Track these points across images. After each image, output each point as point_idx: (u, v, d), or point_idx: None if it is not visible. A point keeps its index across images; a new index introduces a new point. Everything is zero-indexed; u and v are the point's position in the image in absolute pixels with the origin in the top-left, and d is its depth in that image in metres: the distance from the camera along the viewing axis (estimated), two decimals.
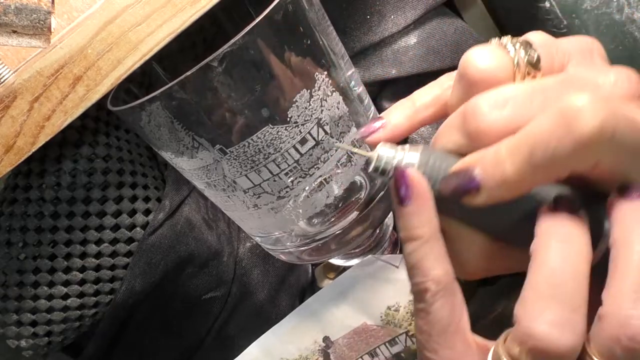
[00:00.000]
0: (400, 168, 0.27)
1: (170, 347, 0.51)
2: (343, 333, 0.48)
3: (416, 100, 0.31)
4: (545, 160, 0.23)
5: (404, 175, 0.27)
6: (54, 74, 0.37)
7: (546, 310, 0.23)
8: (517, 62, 0.27)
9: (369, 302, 0.48)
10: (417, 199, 0.27)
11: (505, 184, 0.25)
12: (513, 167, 0.24)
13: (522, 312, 0.24)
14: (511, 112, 0.25)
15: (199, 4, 0.38)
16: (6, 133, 0.37)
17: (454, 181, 0.26)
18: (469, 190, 0.26)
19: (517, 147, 0.24)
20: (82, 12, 0.39)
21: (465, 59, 0.27)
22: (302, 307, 0.49)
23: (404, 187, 0.27)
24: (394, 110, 0.31)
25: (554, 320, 0.23)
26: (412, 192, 0.27)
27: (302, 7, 0.32)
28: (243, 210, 0.36)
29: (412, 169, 0.27)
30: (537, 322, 0.23)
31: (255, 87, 0.30)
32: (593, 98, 0.23)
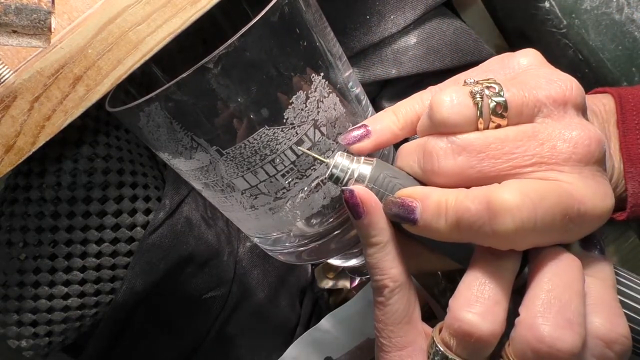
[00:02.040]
0: (349, 187, 0.31)
1: (170, 346, 0.51)
2: (345, 351, 0.49)
3: (399, 115, 0.33)
4: (468, 233, 0.28)
5: (353, 195, 0.30)
6: (54, 74, 0.37)
7: (473, 302, 0.27)
8: (482, 112, 0.28)
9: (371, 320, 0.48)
10: (369, 213, 0.30)
11: (436, 232, 0.29)
12: (445, 224, 0.28)
13: (454, 303, 0.28)
14: (463, 162, 0.28)
15: (199, 4, 0.38)
16: (6, 133, 0.37)
17: (396, 209, 0.30)
18: (406, 220, 0.29)
19: (451, 212, 0.28)
20: (83, 12, 0.39)
21: (434, 101, 0.29)
22: (303, 337, 0.50)
23: (355, 204, 0.30)
24: (378, 122, 0.33)
25: (478, 311, 0.27)
26: (364, 208, 0.30)
27: (299, 8, 0.32)
28: (240, 211, 0.36)
29: (360, 187, 0.30)
30: (464, 311, 0.27)
31: (252, 88, 0.30)
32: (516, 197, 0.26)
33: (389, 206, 0.30)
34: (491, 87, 0.29)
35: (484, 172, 0.28)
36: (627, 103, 0.38)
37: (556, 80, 0.29)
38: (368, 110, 0.38)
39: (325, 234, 0.38)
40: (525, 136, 0.28)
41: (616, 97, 0.39)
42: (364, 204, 0.30)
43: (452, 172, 0.28)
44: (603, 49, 0.46)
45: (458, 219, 0.27)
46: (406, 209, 0.29)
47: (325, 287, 0.59)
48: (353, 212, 0.31)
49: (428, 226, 0.29)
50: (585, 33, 0.46)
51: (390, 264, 0.31)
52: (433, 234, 0.29)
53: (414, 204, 0.29)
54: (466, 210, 0.27)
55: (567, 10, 0.46)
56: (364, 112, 0.37)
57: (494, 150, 0.28)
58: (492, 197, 0.26)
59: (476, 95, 0.29)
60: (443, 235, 0.29)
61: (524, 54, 0.32)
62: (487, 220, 0.26)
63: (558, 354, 0.26)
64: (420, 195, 0.29)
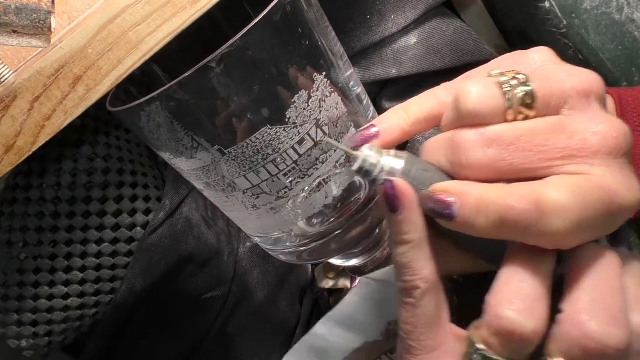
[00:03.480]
0: (390, 178, 0.29)
1: (170, 346, 0.51)
2: (343, 356, 0.49)
3: (411, 112, 0.32)
4: (511, 232, 0.27)
5: (394, 187, 0.29)
6: (54, 74, 0.37)
7: (514, 299, 0.27)
8: (511, 102, 0.28)
9: (369, 324, 0.48)
10: (407, 208, 0.29)
11: (475, 229, 0.28)
12: (485, 221, 0.27)
13: (493, 301, 0.27)
14: (494, 155, 0.27)
15: (199, 4, 0.38)
16: (6, 133, 0.37)
17: (431, 203, 0.29)
18: (443, 215, 0.28)
19: (492, 209, 0.27)
20: (83, 12, 0.39)
21: (460, 93, 0.29)
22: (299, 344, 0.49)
23: (394, 196, 0.29)
24: (388, 120, 0.32)
25: (520, 308, 0.26)
26: (402, 201, 0.29)
27: (301, 7, 0.32)
28: (242, 210, 0.36)
29: (400, 180, 0.29)
30: (505, 308, 0.27)
31: (254, 87, 0.30)
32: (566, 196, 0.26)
33: (425, 200, 0.29)
34: (518, 78, 0.28)
35: (514, 165, 0.27)
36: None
37: (577, 73, 0.29)
38: (369, 109, 0.38)
39: (327, 233, 0.38)
40: (555, 128, 0.27)
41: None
42: (403, 197, 0.29)
43: (482, 165, 0.28)
44: (603, 49, 0.46)
45: (502, 217, 0.27)
46: (443, 204, 0.28)
47: (325, 287, 0.59)
48: (390, 205, 0.29)
49: (466, 222, 0.28)
50: (585, 33, 0.46)
51: (422, 263, 0.29)
52: (470, 230, 0.28)
53: (452, 199, 0.28)
54: (511, 209, 0.26)
55: (567, 10, 0.47)
56: (365, 112, 0.37)
57: (525, 142, 0.27)
58: (540, 197, 0.26)
59: (504, 86, 0.28)
60: (481, 232, 0.28)
61: (538, 51, 0.32)
62: (535, 220, 0.26)
63: (607, 351, 0.26)
64: (458, 190, 0.28)
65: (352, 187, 0.37)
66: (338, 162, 0.35)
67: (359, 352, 0.48)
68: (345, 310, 0.49)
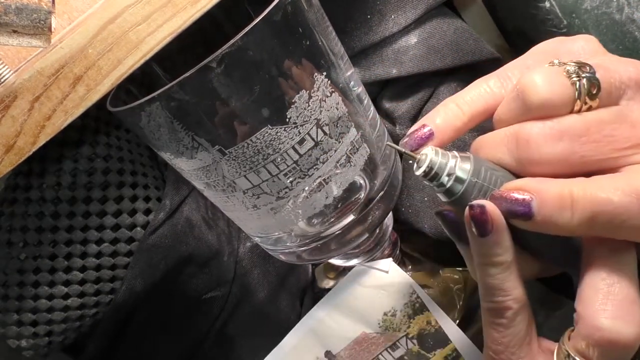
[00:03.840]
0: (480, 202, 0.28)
1: (170, 347, 0.51)
2: (344, 345, 0.49)
3: (465, 107, 0.31)
4: (606, 227, 0.25)
5: (484, 211, 0.27)
6: (55, 74, 0.37)
7: (607, 305, 0.25)
8: (579, 92, 0.27)
9: (365, 311, 0.48)
10: (497, 231, 0.28)
11: (558, 227, 0.26)
12: (571, 218, 0.25)
13: (583, 310, 0.26)
14: (566, 148, 0.26)
15: (199, 3, 0.38)
16: (6, 133, 0.37)
17: (507, 203, 0.27)
18: (521, 215, 0.27)
19: (582, 204, 0.25)
20: (83, 12, 0.39)
21: (527, 83, 0.27)
22: (299, 325, 0.49)
23: (485, 221, 0.28)
24: (441, 117, 0.31)
25: (616, 315, 0.25)
26: (493, 226, 0.28)
27: (302, 7, 0.32)
28: (242, 210, 0.36)
29: (488, 202, 0.28)
30: (602, 318, 0.25)
31: (254, 87, 0.30)
32: None
33: (498, 201, 0.28)
34: (584, 68, 0.27)
35: (586, 158, 0.26)
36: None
37: (633, 63, 0.28)
38: (369, 109, 0.38)
39: (327, 233, 0.38)
40: (619, 118, 0.26)
41: None
42: (494, 222, 0.28)
43: (554, 159, 0.26)
44: None
45: (594, 212, 0.25)
46: (521, 203, 0.27)
47: (325, 287, 0.59)
48: (480, 229, 0.28)
49: (548, 221, 0.26)
50: (585, 33, 0.46)
51: (513, 284, 0.28)
52: (550, 229, 0.27)
53: (528, 196, 0.27)
54: (608, 203, 0.25)
55: (568, 10, 0.47)
56: (365, 112, 0.37)
57: (595, 133, 0.26)
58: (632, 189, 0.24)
59: (572, 75, 0.27)
60: (564, 230, 0.26)
61: (584, 38, 0.30)
62: (636, 212, 0.24)
63: None
64: (534, 187, 0.27)
65: (353, 187, 0.37)
66: (338, 162, 0.35)
67: (358, 344, 0.49)
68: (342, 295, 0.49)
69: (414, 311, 0.48)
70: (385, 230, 0.46)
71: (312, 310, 0.49)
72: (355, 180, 0.37)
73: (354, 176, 0.37)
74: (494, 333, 0.29)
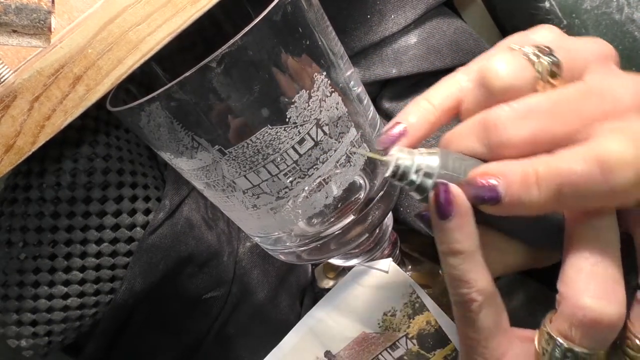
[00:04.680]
0: (443, 181, 0.27)
1: (170, 346, 0.51)
2: (344, 345, 0.49)
3: (435, 102, 0.31)
4: (573, 198, 0.25)
5: (447, 191, 0.27)
6: (54, 74, 0.37)
7: (590, 284, 0.25)
8: (540, 72, 0.27)
9: (364, 311, 0.48)
10: (459, 215, 0.27)
11: (527, 206, 0.26)
12: (539, 195, 0.25)
13: (566, 290, 0.25)
14: (533, 127, 0.26)
15: (199, 3, 0.38)
16: (6, 133, 0.37)
17: (474, 190, 0.27)
18: (489, 199, 0.26)
19: (546, 179, 0.25)
20: (83, 11, 0.39)
21: (488, 67, 0.27)
22: (299, 325, 0.49)
23: (446, 202, 0.27)
24: (412, 114, 0.31)
25: (599, 293, 0.25)
26: (455, 208, 0.27)
27: (301, 7, 0.32)
28: (242, 210, 0.36)
29: (453, 184, 0.27)
30: (585, 297, 0.25)
31: (254, 87, 0.30)
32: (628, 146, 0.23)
33: (466, 190, 0.27)
34: (542, 49, 0.27)
35: (556, 134, 0.26)
36: None
37: (592, 40, 0.28)
38: (369, 109, 0.38)
39: (327, 233, 0.38)
40: (585, 92, 0.26)
41: None
42: (456, 204, 0.27)
43: (524, 139, 0.26)
44: None
45: (559, 184, 0.25)
46: (487, 188, 0.26)
47: (325, 287, 0.59)
48: (441, 211, 0.27)
49: (516, 201, 0.26)
50: (585, 33, 0.46)
51: (477, 274, 0.27)
52: (522, 209, 0.26)
53: (495, 180, 0.26)
54: (571, 173, 0.24)
55: (567, 10, 0.47)
56: (365, 112, 0.37)
57: (562, 108, 0.26)
58: (600, 154, 0.24)
59: (531, 56, 0.27)
60: (535, 208, 0.26)
61: (545, 27, 0.30)
62: (600, 178, 0.24)
63: None
64: (499, 170, 0.26)
65: (353, 187, 0.37)
66: (338, 161, 0.35)
67: (358, 344, 0.49)
68: (341, 295, 0.49)
69: (413, 311, 0.48)
70: (385, 230, 0.46)
71: (312, 310, 0.49)
72: (355, 180, 0.37)
73: (354, 176, 0.37)
74: (464, 328, 0.29)
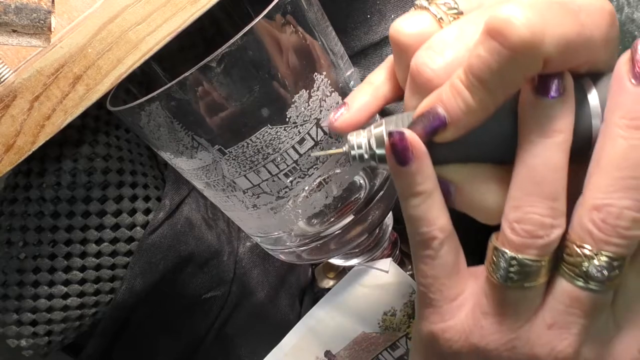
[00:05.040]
0: (398, 130, 0.28)
1: (170, 346, 0.51)
2: (343, 345, 0.49)
3: (373, 80, 0.33)
4: (497, 80, 0.25)
5: (404, 138, 0.28)
6: (54, 73, 0.37)
7: (533, 203, 0.25)
8: (440, 16, 0.28)
9: (365, 311, 0.48)
10: (418, 159, 0.28)
11: (471, 114, 0.26)
12: (471, 95, 0.26)
13: (511, 207, 0.26)
14: (451, 53, 0.27)
15: (199, 3, 0.38)
16: (6, 132, 0.37)
17: (420, 125, 0.27)
18: (437, 128, 0.27)
19: (467, 79, 0.25)
20: (82, 11, 0.39)
21: (393, 30, 0.29)
22: (299, 325, 0.49)
23: (404, 148, 0.28)
24: (356, 93, 0.33)
25: (542, 212, 0.25)
26: (413, 152, 0.28)
27: (301, 7, 0.32)
28: (242, 210, 0.36)
29: (408, 131, 0.28)
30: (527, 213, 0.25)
31: (254, 87, 0.30)
32: (515, 8, 0.24)
33: (414, 127, 0.28)
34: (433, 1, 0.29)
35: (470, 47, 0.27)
36: None
37: None
38: None
39: (326, 233, 0.38)
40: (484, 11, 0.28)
41: None
42: (413, 148, 0.27)
43: (445, 68, 0.27)
44: None
45: (477, 75, 0.25)
46: (430, 116, 0.27)
47: (325, 286, 0.59)
48: (401, 157, 0.28)
49: (459, 113, 0.26)
50: None
51: (437, 213, 0.28)
52: (470, 120, 0.26)
53: (433, 109, 0.27)
54: (479, 58, 0.25)
55: None
56: None
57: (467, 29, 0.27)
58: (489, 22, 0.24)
59: (424, 4, 0.29)
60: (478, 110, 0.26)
61: None
62: (498, 47, 0.24)
63: None
64: (431, 99, 0.27)
65: (353, 187, 0.37)
66: (338, 161, 0.35)
67: (358, 344, 0.49)
68: (341, 295, 0.49)
69: (413, 311, 0.48)
70: (385, 230, 0.46)
71: (312, 310, 0.49)
72: (355, 180, 0.37)
73: (354, 176, 0.37)
74: (422, 266, 0.29)
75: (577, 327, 0.26)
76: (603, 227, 0.25)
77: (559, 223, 0.26)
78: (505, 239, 0.26)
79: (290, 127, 0.32)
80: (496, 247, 0.27)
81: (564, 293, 0.26)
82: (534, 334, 0.27)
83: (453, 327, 0.29)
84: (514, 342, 0.27)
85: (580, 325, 0.26)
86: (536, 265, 0.26)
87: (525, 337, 0.27)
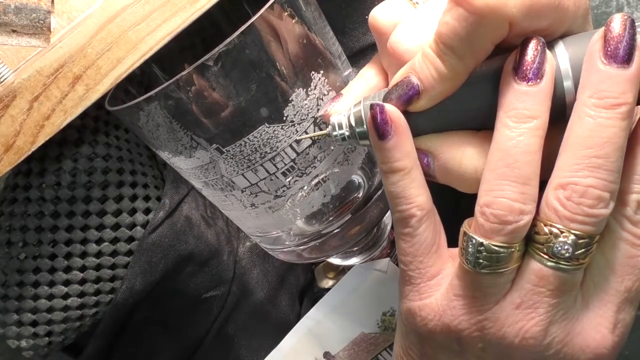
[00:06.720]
0: (378, 102, 0.28)
1: (170, 346, 0.51)
2: (343, 346, 0.49)
3: (365, 73, 0.33)
4: (465, 46, 0.25)
5: (384, 111, 0.28)
6: (54, 73, 0.37)
7: (504, 187, 0.26)
8: (416, 0, 0.30)
9: (364, 312, 0.48)
10: (397, 133, 0.28)
11: (444, 82, 0.27)
12: (442, 64, 0.26)
13: (483, 191, 0.26)
14: (422, 29, 0.28)
15: (198, 3, 0.38)
16: (6, 132, 0.37)
17: (395, 94, 0.28)
18: (412, 97, 0.28)
19: (438, 47, 0.26)
20: (82, 11, 0.39)
21: (371, 18, 0.30)
22: (298, 327, 0.49)
23: (384, 121, 0.28)
24: (350, 85, 0.33)
25: (511, 195, 0.25)
26: (393, 126, 0.28)
27: (299, 6, 0.32)
28: (240, 209, 0.36)
29: (390, 105, 0.28)
30: (497, 197, 0.26)
31: (252, 86, 0.30)
32: None
33: (389, 98, 0.28)
34: None
35: None
36: None
37: None
38: None
39: (325, 232, 0.38)
40: None
41: None
42: (393, 122, 0.28)
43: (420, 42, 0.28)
44: None
45: (447, 43, 0.26)
46: (404, 86, 0.28)
47: (325, 286, 0.59)
48: (380, 131, 0.28)
49: (432, 81, 0.27)
50: None
51: (416, 191, 0.29)
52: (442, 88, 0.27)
53: (407, 78, 0.28)
54: (444, 26, 0.25)
55: None
56: None
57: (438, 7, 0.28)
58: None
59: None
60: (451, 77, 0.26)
61: None
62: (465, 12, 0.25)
63: None
64: (405, 69, 0.28)
65: (351, 186, 0.37)
66: (336, 160, 0.35)
67: (357, 344, 0.49)
68: (340, 296, 0.49)
69: None
70: (383, 229, 0.46)
71: (311, 311, 0.49)
72: (353, 179, 0.37)
73: (352, 175, 0.37)
74: (402, 243, 0.30)
75: (544, 306, 0.27)
76: (568, 204, 0.25)
77: (529, 209, 0.26)
78: (476, 224, 0.27)
79: (287, 126, 0.32)
80: (465, 232, 0.27)
81: (532, 272, 0.27)
82: (502, 314, 0.27)
83: (429, 305, 0.30)
84: (483, 323, 0.28)
85: (548, 305, 0.27)
86: (506, 252, 0.26)
87: (494, 317, 0.28)
